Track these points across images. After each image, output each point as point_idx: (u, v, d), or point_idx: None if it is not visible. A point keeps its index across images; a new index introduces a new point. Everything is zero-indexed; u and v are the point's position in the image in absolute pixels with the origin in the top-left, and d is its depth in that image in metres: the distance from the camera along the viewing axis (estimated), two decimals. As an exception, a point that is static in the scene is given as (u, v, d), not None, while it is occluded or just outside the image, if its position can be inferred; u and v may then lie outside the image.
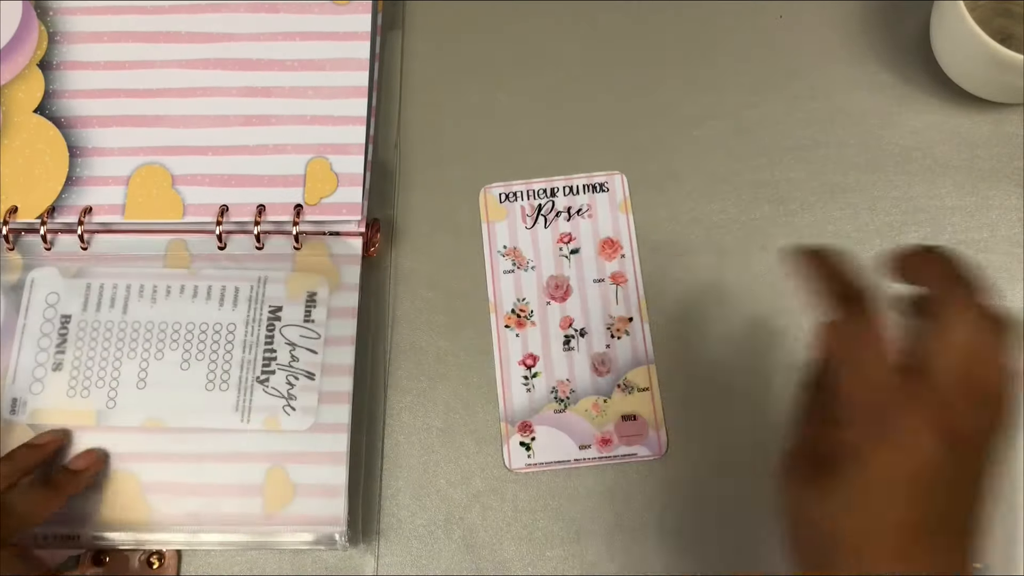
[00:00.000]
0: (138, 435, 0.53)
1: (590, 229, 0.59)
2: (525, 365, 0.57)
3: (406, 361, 0.57)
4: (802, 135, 0.61)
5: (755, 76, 0.63)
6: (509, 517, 0.54)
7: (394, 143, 0.62)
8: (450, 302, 0.58)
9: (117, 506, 0.52)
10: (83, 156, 0.58)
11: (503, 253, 0.59)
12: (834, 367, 0.37)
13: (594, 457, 0.55)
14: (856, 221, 0.59)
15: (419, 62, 0.64)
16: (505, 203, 0.60)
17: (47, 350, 0.55)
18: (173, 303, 0.56)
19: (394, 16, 0.65)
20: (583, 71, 0.63)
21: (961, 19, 0.56)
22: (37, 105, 0.59)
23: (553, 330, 0.57)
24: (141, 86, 0.60)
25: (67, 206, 0.57)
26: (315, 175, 0.58)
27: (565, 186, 0.60)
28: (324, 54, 0.60)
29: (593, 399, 0.56)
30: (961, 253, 0.38)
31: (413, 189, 0.61)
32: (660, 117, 0.62)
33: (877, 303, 0.37)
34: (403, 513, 0.54)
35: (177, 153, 0.58)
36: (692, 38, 0.64)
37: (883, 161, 0.61)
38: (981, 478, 0.36)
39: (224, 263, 0.57)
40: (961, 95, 0.61)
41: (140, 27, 0.61)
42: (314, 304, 0.56)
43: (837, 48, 0.63)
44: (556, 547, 0.53)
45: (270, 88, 0.60)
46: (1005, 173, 0.60)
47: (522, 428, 0.55)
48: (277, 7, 0.61)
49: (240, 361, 0.55)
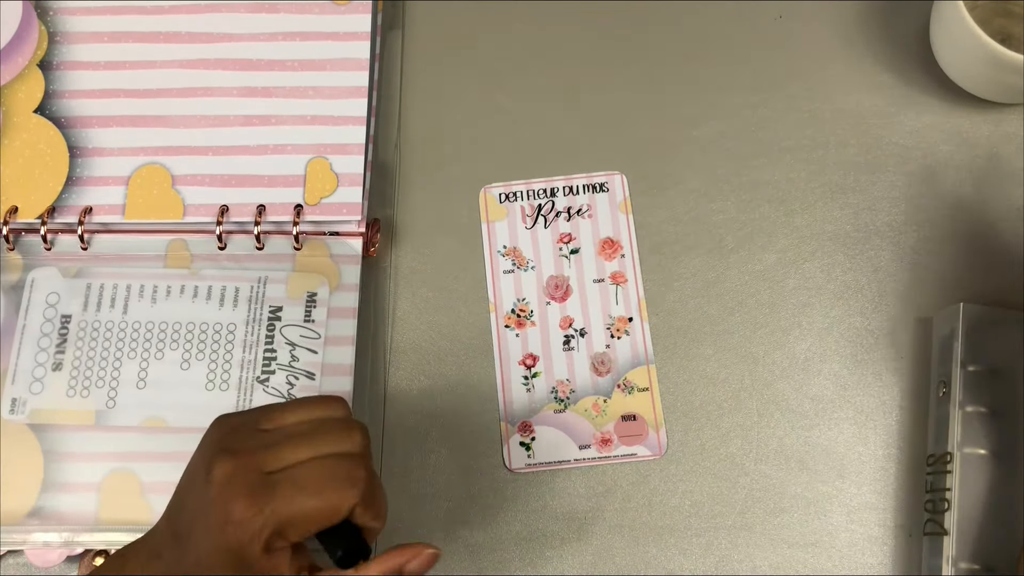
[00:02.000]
0: (138, 435, 0.53)
1: (590, 229, 0.59)
2: (525, 365, 0.57)
3: (406, 361, 0.57)
4: (802, 135, 0.61)
5: (755, 76, 0.63)
6: (509, 517, 0.54)
7: (394, 143, 0.62)
8: (450, 302, 0.58)
9: (117, 506, 0.52)
10: (83, 156, 0.58)
11: (503, 253, 0.59)
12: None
13: (594, 457, 0.55)
14: (856, 221, 0.59)
15: (419, 62, 0.64)
16: (505, 203, 0.60)
17: (47, 350, 0.55)
18: (173, 303, 0.56)
19: (394, 16, 0.65)
20: (583, 71, 0.63)
21: (961, 19, 0.56)
22: (37, 105, 0.59)
23: (553, 330, 0.57)
24: (141, 86, 0.60)
25: (67, 206, 0.57)
26: (315, 175, 0.58)
27: (565, 186, 0.60)
28: (324, 54, 0.60)
29: (593, 399, 0.56)
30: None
31: (413, 189, 0.61)
32: (660, 117, 0.62)
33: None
34: (403, 513, 0.54)
35: (177, 153, 0.58)
36: (692, 38, 0.64)
37: (883, 161, 0.61)
38: None
39: (224, 263, 0.57)
40: (961, 95, 0.61)
41: (140, 27, 0.61)
42: (314, 304, 0.56)
43: (837, 48, 0.63)
44: (556, 547, 0.53)
45: (270, 88, 0.60)
46: (1005, 173, 0.60)
47: (522, 428, 0.55)
48: (277, 7, 0.61)
49: (240, 361, 0.55)
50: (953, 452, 0.51)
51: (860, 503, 0.54)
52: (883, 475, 0.54)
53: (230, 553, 0.40)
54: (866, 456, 0.55)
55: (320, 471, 0.41)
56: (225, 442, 0.43)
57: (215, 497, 0.40)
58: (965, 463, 0.51)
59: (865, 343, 0.57)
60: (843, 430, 0.55)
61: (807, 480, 0.54)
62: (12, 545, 0.52)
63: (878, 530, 0.53)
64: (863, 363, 0.56)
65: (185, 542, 0.41)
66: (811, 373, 0.56)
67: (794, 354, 0.56)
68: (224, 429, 0.44)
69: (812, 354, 0.57)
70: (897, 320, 0.57)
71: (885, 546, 0.53)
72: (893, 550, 0.53)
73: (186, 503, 0.42)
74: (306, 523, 0.41)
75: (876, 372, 0.56)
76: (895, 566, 0.53)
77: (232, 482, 0.40)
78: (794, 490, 0.54)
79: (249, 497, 0.40)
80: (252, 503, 0.40)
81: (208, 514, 0.41)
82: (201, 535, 0.41)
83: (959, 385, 0.52)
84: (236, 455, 0.41)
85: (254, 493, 0.40)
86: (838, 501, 0.54)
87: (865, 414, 0.55)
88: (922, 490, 0.53)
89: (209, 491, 0.41)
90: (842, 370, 0.56)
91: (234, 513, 0.40)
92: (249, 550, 0.40)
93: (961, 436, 0.51)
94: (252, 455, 0.41)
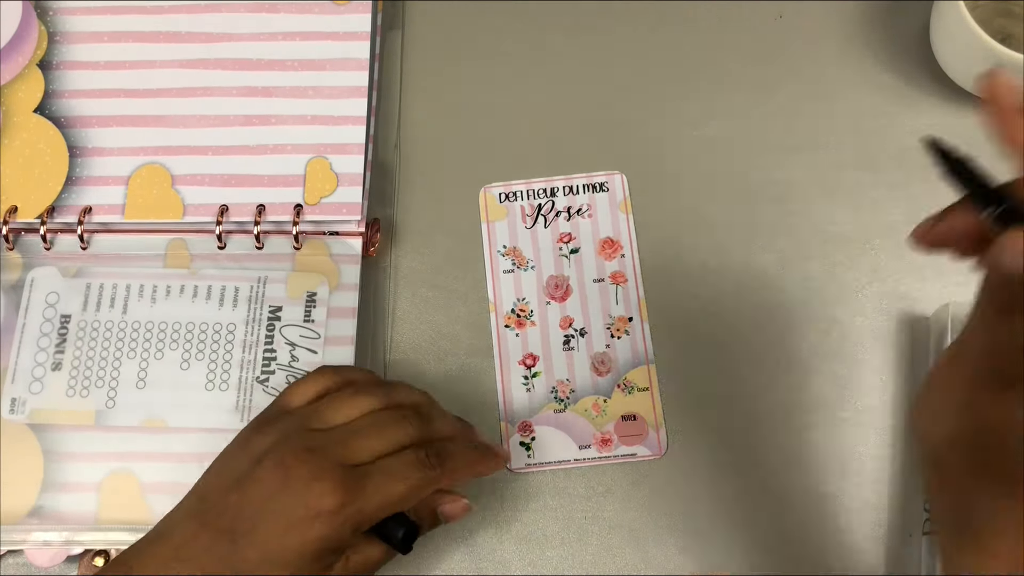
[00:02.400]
0: (138, 435, 0.53)
1: (590, 229, 0.59)
2: (525, 365, 0.57)
3: (406, 361, 0.57)
4: (802, 135, 0.61)
5: (755, 76, 0.63)
6: (509, 517, 0.54)
7: (394, 143, 0.62)
8: (450, 302, 0.58)
9: (117, 506, 0.52)
10: (83, 156, 0.58)
11: (503, 253, 0.59)
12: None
13: (594, 457, 0.55)
14: (856, 221, 0.59)
15: (419, 62, 0.64)
16: (505, 203, 0.60)
17: (46, 350, 0.55)
18: (173, 303, 0.56)
19: (394, 16, 0.65)
20: (583, 71, 0.63)
21: (961, 19, 0.56)
22: (37, 105, 0.59)
23: (553, 330, 0.57)
24: (141, 86, 0.60)
25: (67, 206, 0.57)
26: (315, 175, 0.58)
27: (565, 186, 0.60)
28: (324, 54, 0.60)
29: (593, 399, 0.56)
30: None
31: (413, 189, 0.61)
32: (660, 117, 0.62)
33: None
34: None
35: (177, 153, 0.58)
36: (692, 38, 0.64)
37: (883, 161, 0.61)
38: None
39: (224, 263, 0.57)
40: (961, 95, 0.61)
41: (140, 27, 0.61)
42: (314, 304, 0.56)
43: (837, 48, 0.63)
44: (556, 547, 0.53)
45: (270, 88, 0.60)
46: (1005, 173, 0.60)
47: (522, 428, 0.55)
48: (277, 7, 0.61)
49: (240, 361, 0.55)
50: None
51: (860, 503, 0.54)
52: (883, 475, 0.54)
53: (319, 542, 0.43)
54: (866, 456, 0.55)
55: (399, 459, 0.46)
56: (295, 442, 0.45)
57: (300, 492, 0.43)
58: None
59: (865, 343, 0.57)
60: (843, 430, 0.55)
61: (807, 480, 0.54)
62: (12, 545, 0.52)
63: (878, 530, 0.53)
64: (863, 363, 0.56)
65: (243, 540, 0.43)
66: (811, 373, 0.56)
67: (794, 354, 0.56)
68: (278, 433, 0.46)
69: (812, 354, 0.57)
70: (897, 320, 0.57)
71: (885, 546, 0.53)
72: (893, 550, 0.53)
73: (247, 502, 0.44)
74: (389, 509, 0.45)
75: (876, 372, 0.56)
76: (895, 566, 0.53)
77: (319, 477, 0.43)
78: (794, 490, 0.54)
79: (341, 490, 0.43)
80: (345, 495, 0.43)
81: (287, 510, 0.43)
82: (273, 531, 0.43)
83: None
84: (313, 452, 0.44)
85: (345, 486, 0.43)
86: (838, 501, 0.54)
87: (865, 414, 0.55)
88: (922, 490, 0.53)
89: (290, 488, 0.43)
90: (842, 370, 0.56)
91: (326, 505, 0.43)
92: (336, 541, 0.43)
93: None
94: (326, 451, 0.45)
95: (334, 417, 0.47)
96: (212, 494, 0.45)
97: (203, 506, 0.45)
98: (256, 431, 0.47)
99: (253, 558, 0.43)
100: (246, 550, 0.43)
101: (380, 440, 0.46)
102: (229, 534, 0.43)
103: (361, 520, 0.44)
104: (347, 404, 0.48)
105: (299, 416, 0.48)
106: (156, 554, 0.44)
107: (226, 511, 0.44)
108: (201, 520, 0.44)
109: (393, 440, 0.46)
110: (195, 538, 0.44)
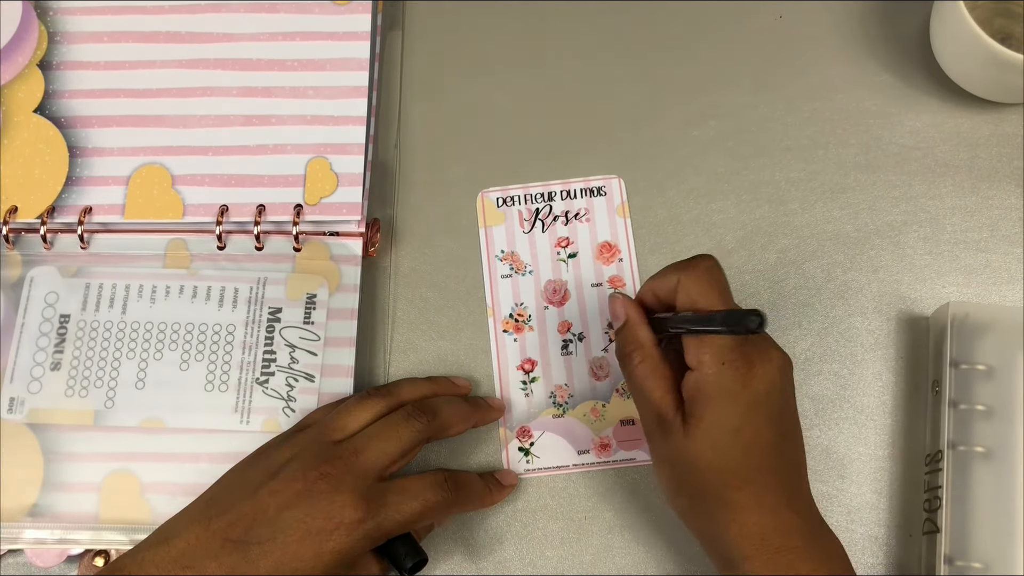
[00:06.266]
0: (137, 435, 0.53)
1: (588, 233, 0.59)
2: (523, 370, 0.57)
3: (406, 361, 0.57)
4: (802, 135, 0.61)
5: (755, 76, 0.63)
6: (509, 517, 0.54)
7: (394, 143, 0.62)
8: (450, 303, 0.58)
9: (117, 506, 0.52)
10: (83, 156, 0.58)
11: (501, 258, 0.59)
12: None
13: (592, 462, 0.55)
14: (856, 221, 0.59)
15: (419, 62, 0.64)
16: (502, 207, 0.60)
17: (45, 349, 0.55)
18: (172, 303, 0.56)
19: (394, 16, 0.64)
20: (582, 73, 0.63)
21: (961, 19, 0.56)
22: (37, 105, 0.59)
23: (551, 334, 0.57)
24: (141, 86, 0.60)
25: (67, 206, 0.57)
26: (315, 175, 0.58)
27: (562, 190, 0.60)
28: (324, 54, 0.60)
29: (591, 404, 0.56)
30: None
31: (413, 189, 0.61)
32: (659, 119, 0.62)
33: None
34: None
35: (177, 153, 0.58)
36: (692, 38, 0.64)
37: (883, 161, 0.60)
38: None
39: (224, 263, 0.57)
40: (961, 95, 0.61)
41: (140, 27, 0.61)
42: (313, 306, 0.56)
43: (837, 48, 0.63)
44: (556, 547, 0.53)
45: (270, 88, 0.60)
46: (1005, 173, 0.60)
47: (520, 433, 0.55)
48: (277, 7, 0.61)
49: (239, 362, 0.55)
50: (944, 450, 0.51)
51: (860, 503, 0.54)
52: (883, 475, 0.54)
53: (335, 555, 0.44)
54: (866, 456, 0.55)
55: (420, 480, 0.47)
56: (314, 454, 0.46)
57: (321, 504, 0.44)
58: (957, 461, 0.51)
59: (865, 343, 0.57)
60: (843, 430, 0.55)
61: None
62: (12, 544, 0.52)
63: (878, 530, 0.53)
64: (863, 363, 0.56)
65: (255, 549, 0.44)
66: (811, 373, 0.56)
67: (794, 354, 0.56)
68: (297, 446, 0.48)
69: (812, 354, 0.57)
70: (897, 320, 0.57)
71: (885, 546, 0.53)
72: (893, 550, 0.53)
73: (261, 512, 0.44)
74: (406, 527, 0.46)
75: (876, 372, 0.56)
76: (895, 566, 0.53)
77: (341, 490, 0.45)
78: (793, 491, 0.54)
79: (363, 503, 0.45)
80: (367, 508, 0.44)
81: (305, 521, 0.44)
82: (288, 541, 0.43)
83: (950, 383, 0.52)
84: (334, 464, 0.46)
85: (367, 499, 0.45)
86: (838, 501, 0.54)
87: (865, 414, 0.55)
88: (921, 489, 0.53)
89: (310, 499, 0.44)
90: (842, 370, 0.56)
91: (347, 517, 0.44)
92: (350, 555, 0.44)
93: (953, 434, 0.51)
94: (346, 462, 0.46)
95: (348, 424, 0.49)
96: (223, 502, 0.45)
97: (212, 512, 0.45)
98: (273, 446, 0.49)
99: (264, 567, 0.43)
100: (257, 559, 0.43)
101: (392, 442, 0.48)
102: (239, 543, 0.44)
103: (378, 536, 0.45)
104: (358, 409, 0.49)
105: (315, 428, 0.49)
106: (157, 558, 0.44)
107: (238, 520, 0.44)
108: (208, 527, 0.44)
109: (405, 440, 0.48)
110: (200, 544, 0.44)
